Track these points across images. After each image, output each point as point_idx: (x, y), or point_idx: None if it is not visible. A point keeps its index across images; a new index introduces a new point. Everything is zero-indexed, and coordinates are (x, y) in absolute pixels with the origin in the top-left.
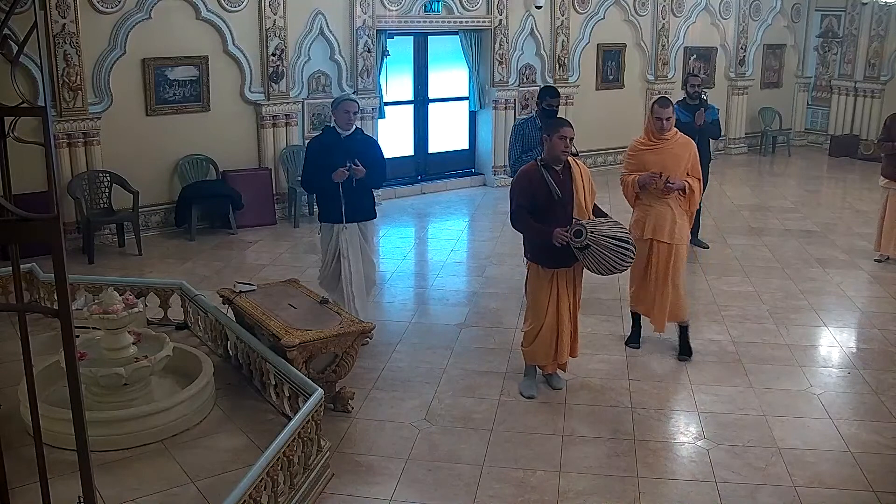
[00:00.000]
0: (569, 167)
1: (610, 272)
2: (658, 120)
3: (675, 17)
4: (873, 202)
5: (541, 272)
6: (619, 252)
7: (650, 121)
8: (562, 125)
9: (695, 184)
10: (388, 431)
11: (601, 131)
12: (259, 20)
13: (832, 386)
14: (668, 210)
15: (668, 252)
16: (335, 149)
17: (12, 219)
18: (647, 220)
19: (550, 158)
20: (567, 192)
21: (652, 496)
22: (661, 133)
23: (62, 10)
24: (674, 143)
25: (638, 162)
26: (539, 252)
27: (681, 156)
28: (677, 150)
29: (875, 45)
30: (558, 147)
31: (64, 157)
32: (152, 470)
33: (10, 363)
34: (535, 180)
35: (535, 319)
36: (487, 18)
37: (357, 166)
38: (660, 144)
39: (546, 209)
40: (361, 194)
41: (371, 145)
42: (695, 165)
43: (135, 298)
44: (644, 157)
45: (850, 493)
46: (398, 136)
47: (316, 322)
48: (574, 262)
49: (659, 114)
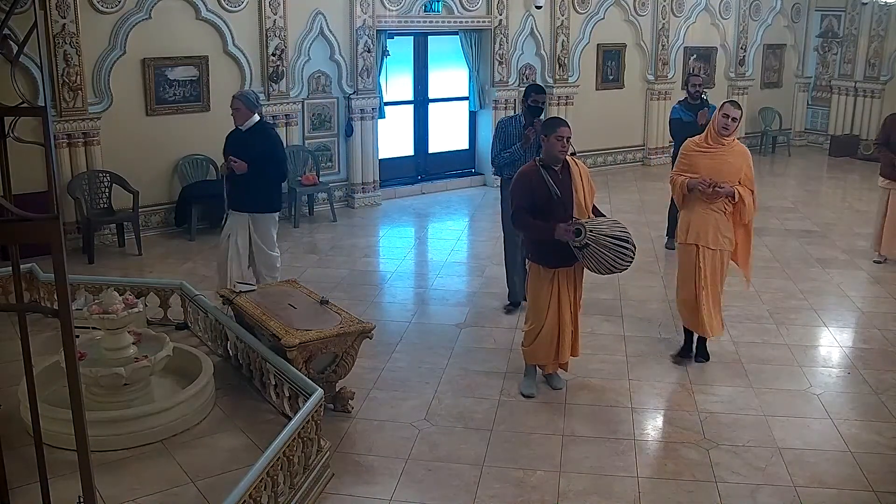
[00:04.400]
0: (568, 167)
1: (609, 271)
2: (725, 117)
3: (675, 17)
4: (873, 202)
5: (542, 272)
6: (618, 251)
7: (715, 119)
8: (558, 125)
9: (747, 195)
10: (388, 431)
11: (601, 131)
12: (259, 20)
13: (832, 386)
14: (712, 216)
15: (713, 258)
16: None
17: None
18: (691, 225)
19: (549, 158)
20: (567, 192)
21: (652, 496)
22: (723, 132)
23: (62, 10)
24: (729, 151)
25: (690, 164)
26: (541, 251)
27: (735, 164)
28: (732, 158)
29: (875, 45)
30: (556, 147)
31: (64, 157)
32: (152, 470)
33: (10, 363)
34: (534, 180)
35: (536, 320)
36: (487, 18)
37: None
38: (715, 149)
39: (546, 209)
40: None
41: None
42: (749, 175)
43: (135, 298)
44: (697, 160)
45: (850, 493)
46: (398, 136)
47: (316, 322)
48: (575, 262)
49: (727, 111)
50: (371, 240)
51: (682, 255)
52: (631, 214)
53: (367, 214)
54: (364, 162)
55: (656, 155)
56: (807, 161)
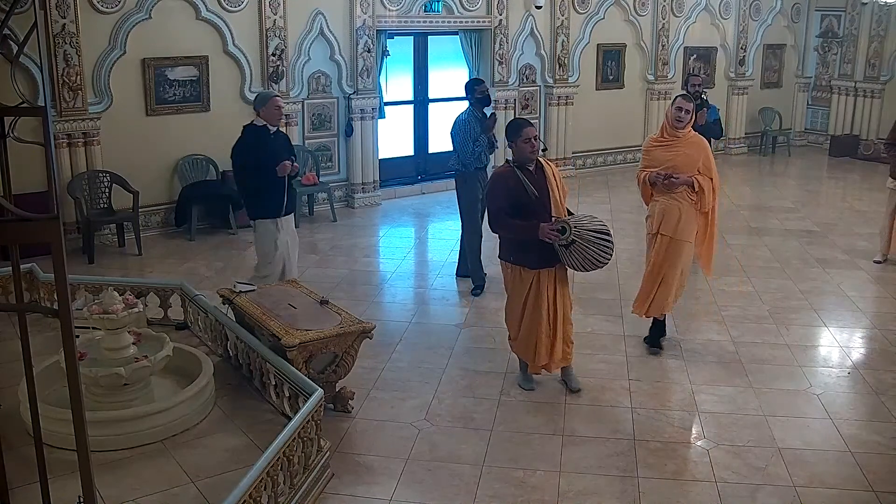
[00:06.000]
0: (541, 166)
1: (594, 266)
2: (678, 110)
3: (675, 17)
4: (873, 202)
5: (523, 274)
6: (601, 244)
7: (669, 113)
8: (521, 128)
9: (705, 183)
10: (388, 431)
11: (601, 131)
12: (259, 20)
13: (832, 386)
14: (676, 205)
15: (668, 245)
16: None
17: (12, 219)
18: (656, 216)
19: (521, 160)
20: (543, 191)
21: (652, 496)
22: (677, 125)
23: (62, 10)
24: (686, 142)
25: (651, 158)
26: (522, 252)
27: (692, 154)
28: (689, 149)
29: (875, 45)
30: (525, 150)
31: (64, 157)
32: (152, 470)
33: (10, 363)
34: (510, 181)
35: (512, 318)
36: (487, 18)
37: (295, 161)
38: (672, 141)
39: (525, 209)
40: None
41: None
42: (707, 164)
43: (135, 298)
44: (656, 154)
45: (850, 493)
46: (398, 136)
47: (316, 322)
48: (557, 262)
49: (680, 104)
50: (371, 240)
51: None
52: (631, 214)
53: (367, 214)
54: (364, 162)
55: None
56: (807, 161)
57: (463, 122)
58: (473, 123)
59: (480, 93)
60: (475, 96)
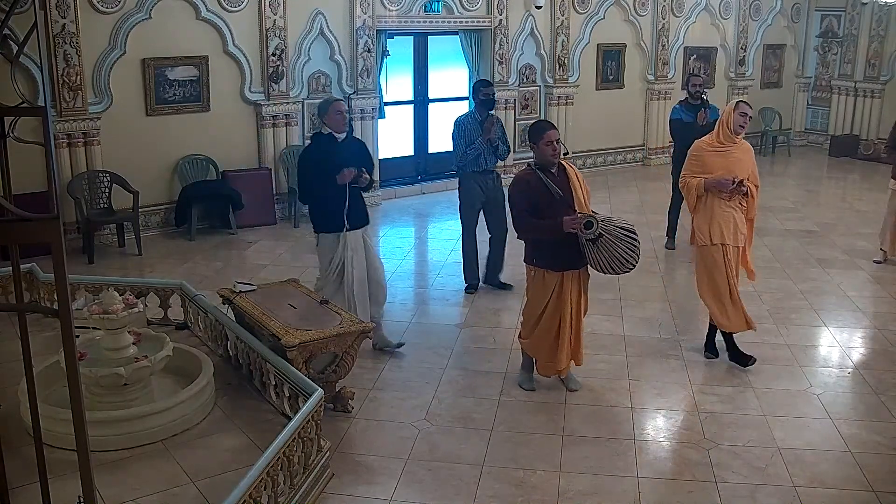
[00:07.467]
0: (563, 168)
1: (621, 266)
2: (742, 115)
3: (675, 17)
4: (873, 202)
5: (546, 277)
6: (629, 243)
7: (730, 119)
8: (544, 130)
9: (754, 190)
10: (388, 431)
11: (601, 131)
12: (259, 20)
13: (832, 386)
14: (731, 213)
15: (736, 255)
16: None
17: (12, 219)
18: (714, 225)
19: (543, 163)
20: (567, 192)
21: (652, 496)
22: (740, 130)
23: (62, 10)
24: (739, 148)
25: (702, 164)
26: (547, 254)
27: (744, 160)
28: (741, 155)
29: (875, 45)
30: (546, 153)
31: (64, 157)
32: (152, 470)
33: (10, 363)
34: (533, 184)
35: (530, 316)
36: (487, 18)
37: (363, 173)
38: (726, 147)
39: (549, 211)
40: (359, 198)
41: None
42: (754, 171)
43: (135, 298)
44: (710, 160)
45: (850, 493)
46: (398, 136)
47: (316, 322)
48: (582, 265)
49: (744, 109)
50: (371, 240)
51: (708, 255)
52: (631, 214)
53: None
54: None
55: (656, 155)
56: (807, 161)
57: (459, 124)
58: (471, 126)
59: (484, 95)
60: (478, 98)
